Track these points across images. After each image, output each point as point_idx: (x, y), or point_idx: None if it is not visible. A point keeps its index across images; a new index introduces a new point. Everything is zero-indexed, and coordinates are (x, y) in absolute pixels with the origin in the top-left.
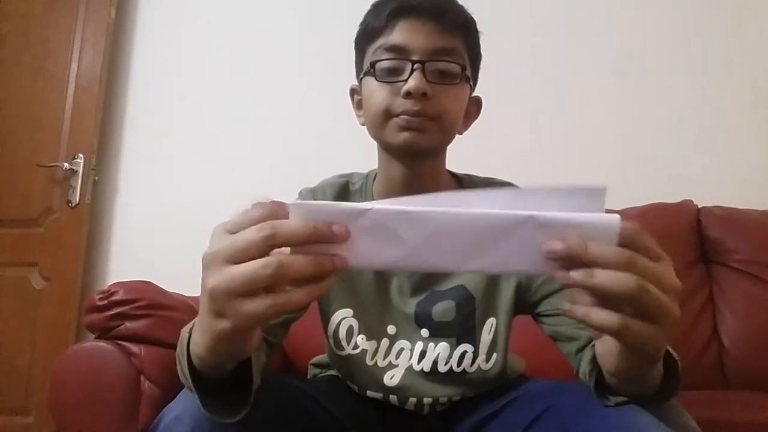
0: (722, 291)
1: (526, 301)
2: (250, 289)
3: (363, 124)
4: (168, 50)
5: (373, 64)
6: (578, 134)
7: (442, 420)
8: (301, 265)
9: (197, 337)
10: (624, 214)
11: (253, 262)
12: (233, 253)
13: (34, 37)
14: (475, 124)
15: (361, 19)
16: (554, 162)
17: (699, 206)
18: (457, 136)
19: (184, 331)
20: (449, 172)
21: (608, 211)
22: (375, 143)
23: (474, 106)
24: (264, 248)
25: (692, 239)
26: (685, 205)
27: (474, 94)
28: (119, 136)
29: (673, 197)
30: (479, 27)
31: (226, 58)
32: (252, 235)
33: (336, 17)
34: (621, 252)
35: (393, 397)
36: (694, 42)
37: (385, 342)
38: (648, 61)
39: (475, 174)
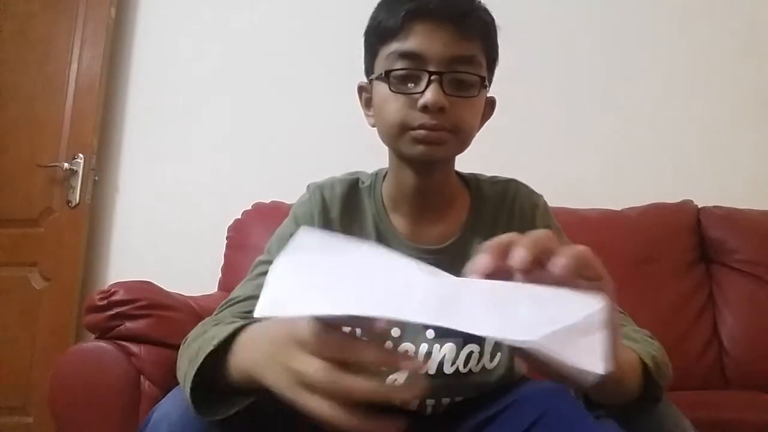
0: (722, 291)
1: None
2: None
3: (373, 125)
4: (168, 50)
5: (387, 73)
6: (578, 134)
7: (443, 421)
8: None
9: (248, 365)
10: (624, 214)
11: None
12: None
13: (34, 37)
14: None
15: (363, 16)
16: (554, 161)
17: (699, 206)
18: None
19: (210, 330)
20: (456, 172)
21: (608, 212)
22: (382, 143)
23: (488, 107)
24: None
25: (692, 239)
26: (685, 205)
27: (488, 95)
28: (119, 136)
29: (673, 197)
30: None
31: (226, 57)
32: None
33: (337, 16)
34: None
35: None
36: (695, 42)
37: (388, 345)
38: (648, 61)
39: (480, 173)
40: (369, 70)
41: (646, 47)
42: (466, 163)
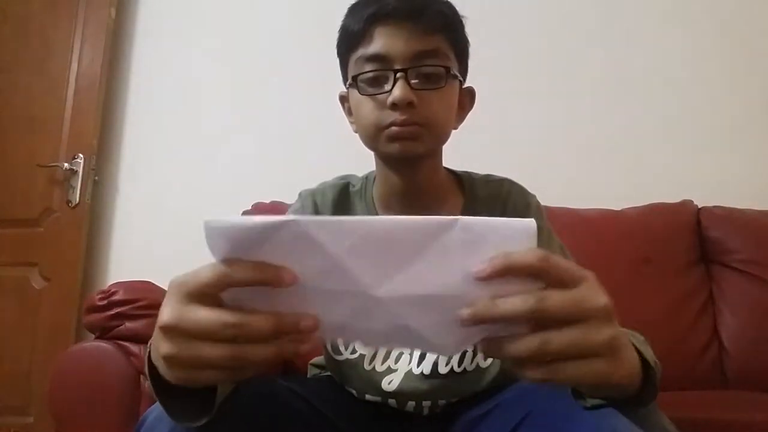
0: (722, 291)
1: None
2: (209, 336)
3: (356, 131)
4: (168, 50)
5: (355, 78)
6: (578, 134)
7: (439, 420)
8: (261, 325)
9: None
10: (624, 214)
11: (219, 312)
12: (193, 290)
13: (34, 37)
14: (475, 124)
15: None
16: (554, 162)
17: (699, 206)
18: (453, 131)
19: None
20: (447, 169)
21: (608, 212)
22: None
23: (467, 98)
24: (221, 287)
25: (692, 239)
26: (685, 205)
27: (467, 85)
28: (119, 136)
29: (673, 197)
30: (470, 21)
31: (226, 58)
32: (208, 274)
33: (335, 19)
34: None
35: (392, 401)
36: (695, 41)
37: (380, 351)
38: (648, 61)
39: (474, 172)
40: (345, 78)
41: (647, 47)
42: (465, 162)
